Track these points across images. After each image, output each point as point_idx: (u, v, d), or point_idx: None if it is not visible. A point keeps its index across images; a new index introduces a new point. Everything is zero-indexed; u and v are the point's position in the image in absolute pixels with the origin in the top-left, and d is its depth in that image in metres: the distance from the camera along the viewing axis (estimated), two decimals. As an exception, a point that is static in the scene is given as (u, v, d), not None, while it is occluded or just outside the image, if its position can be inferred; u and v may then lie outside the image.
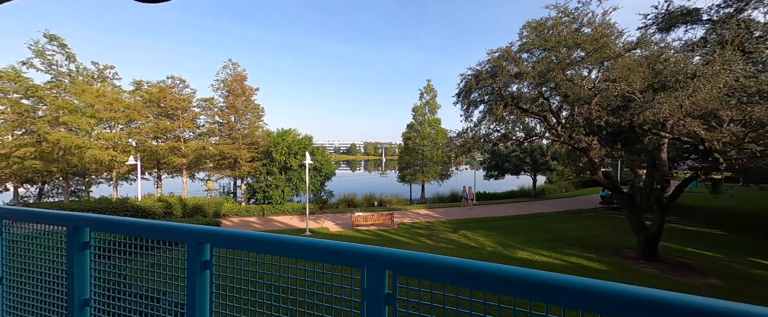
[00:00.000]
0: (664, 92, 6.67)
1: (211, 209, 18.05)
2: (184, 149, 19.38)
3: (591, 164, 10.88)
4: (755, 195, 19.03)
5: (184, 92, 20.64)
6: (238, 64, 21.35)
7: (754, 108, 6.18)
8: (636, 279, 8.37)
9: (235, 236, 1.36)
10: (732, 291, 7.78)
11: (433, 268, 0.96)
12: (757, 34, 7.93)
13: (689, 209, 17.96)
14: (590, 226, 14.92)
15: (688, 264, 9.62)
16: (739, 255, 10.33)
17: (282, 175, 19.92)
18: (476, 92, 10.87)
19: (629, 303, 0.73)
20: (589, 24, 8.51)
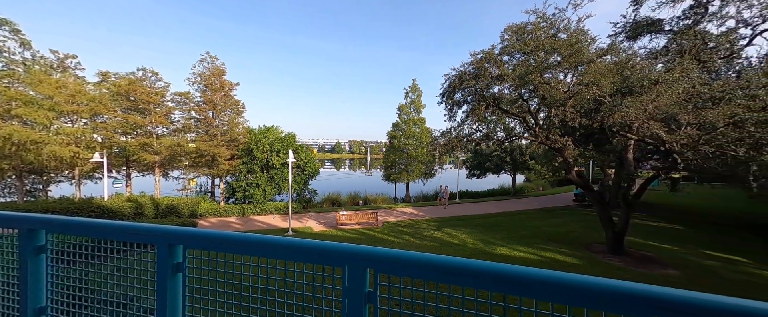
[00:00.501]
0: (630, 97, 7.14)
1: (187, 209, 17.20)
2: (157, 145, 18.30)
3: (566, 163, 11.46)
4: (708, 193, 20.90)
5: (157, 86, 19.46)
6: (216, 58, 20.44)
7: (707, 113, 6.76)
8: (604, 272, 8.94)
9: (211, 236, 1.31)
10: (687, 280, 8.50)
11: (413, 265, 0.98)
12: (711, 45, 8.68)
13: (652, 206, 19.39)
14: (564, 222, 15.72)
15: (650, 257, 10.39)
16: (694, 248, 11.30)
17: (264, 173, 19.34)
18: (459, 92, 11.10)
19: (594, 294, 0.77)
20: (565, 30, 8.93)
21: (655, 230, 13.73)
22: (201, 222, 16.03)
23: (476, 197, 27.76)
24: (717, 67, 9.02)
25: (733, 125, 6.61)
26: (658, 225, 14.74)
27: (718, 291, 2.78)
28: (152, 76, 19.19)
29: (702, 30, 8.49)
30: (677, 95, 6.64)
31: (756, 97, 6.34)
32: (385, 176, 28.77)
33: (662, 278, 8.65)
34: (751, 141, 6.48)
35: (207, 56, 20.36)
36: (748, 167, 6.58)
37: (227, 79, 20.73)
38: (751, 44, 8.82)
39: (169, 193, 20.86)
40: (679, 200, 20.43)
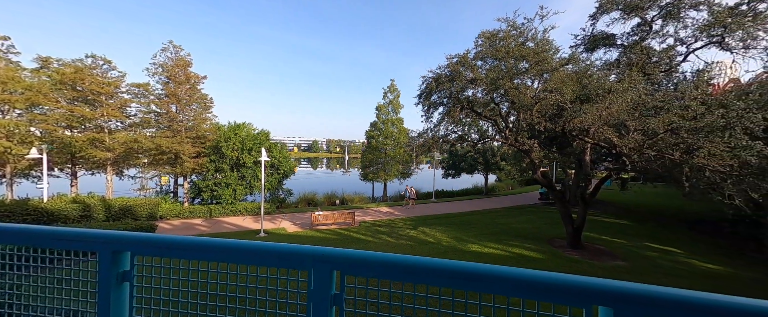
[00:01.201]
0: (588, 104, 7.80)
1: (145, 211, 15.78)
2: (109, 141, 16.57)
3: (532, 164, 12.22)
4: (651, 192, 23.48)
5: (111, 75, 17.61)
6: (180, 48, 18.97)
7: (650, 120, 7.58)
8: (563, 264, 9.69)
9: (164, 242, 1.20)
10: (632, 270, 9.48)
11: (380, 266, 0.98)
12: (654, 59, 9.76)
13: (605, 204, 21.36)
14: (530, 220, 16.78)
15: (603, 250, 11.44)
16: (638, 241, 12.64)
17: (234, 172, 18.33)
18: (436, 94, 11.38)
19: (547, 287, 0.83)
20: (533, 39, 9.53)
21: (607, 226, 15.13)
22: (162, 225, 14.80)
23: (451, 197, 28.65)
24: (659, 79, 10.18)
25: (671, 132, 7.48)
26: (609, 221, 16.28)
27: (655, 279, 3.11)
28: (104, 64, 17.32)
29: (647, 46, 9.53)
30: (626, 103, 7.38)
31: (689, 107, 7.23)
32: (363, 176, 28.70)
33: (612, 268, 9.56)
34: (684, 146, 7.39)
35: (170, 46, 18.83)
36: (682, 169, 7.49)
37: (193, 71, 19.33)
38: (686, 60, 10.07)
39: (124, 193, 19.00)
40: (627, 198, 22.73)
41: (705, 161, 7.01)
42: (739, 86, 10.42)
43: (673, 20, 8.88)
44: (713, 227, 14.65)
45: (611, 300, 0.74)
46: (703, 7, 8.51)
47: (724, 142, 6.66)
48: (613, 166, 12.71)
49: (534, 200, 24.24)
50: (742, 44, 8.49)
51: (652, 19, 9.31)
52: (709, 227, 14.95)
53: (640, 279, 8.60)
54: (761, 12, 8.08)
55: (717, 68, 10.34)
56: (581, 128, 8.59)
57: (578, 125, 8.13)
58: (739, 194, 6.71)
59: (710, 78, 9.84)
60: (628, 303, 0.73)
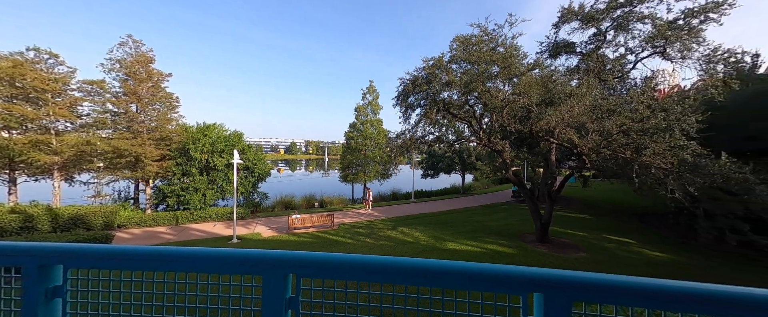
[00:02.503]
0: (552, 107, 8.34)
1: (100, 220, 14.39)
2: (57, 144, 14.93)
3: (504, 163, 12.82)
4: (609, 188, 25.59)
5: (57, 71, 15.89)
6: (141, 42, 17.59)
7: (605, 122, 8.29)
8: (532, 258, 10.25)
9: (101, 252, 1.11)
10: (592, 260, 10.26)
11: (336, 267, 0.99)
12: (608, 67, 10.69)
13: (570, 200, 22.94)
14: (503, 217, 17.57)
15: (567, 243, 12.27)
16: (598, 233, 13.71)
17: (203, 176, 17.29)
18: (413, 96, 11.58)
19: (490, 278, 0.88)
20: (502, 45, 10.03)
21: (572, 220, 16.25)
22: (120, 235, 13.58)
23: (430, 196, 29.21)
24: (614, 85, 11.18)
25: (622, 133, 8.22)
26: (574, 216, 17.50)
27: (610, 267, 3.36)
28: (50, 58, 15.58)
29: (602, 54, 10.42)
30: (585, 107, 8.00)
31: (637, 110, 8.00)
32: (343, 178, 28.38)
33: (575, 260, 10.28)
34: (634, 146, 8.16)
35: (129, 40, 17.39)
36: (632, 167, 8.27)
37: (157, 68, 18.00)
38: (635, 68, 11.14)
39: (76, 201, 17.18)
40: (589, 195, 24.59)
41: (651, 159, 7.79)
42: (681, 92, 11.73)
43: (623, 31, 9.80)
44: (660, 219, 16.29)
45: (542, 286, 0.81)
46: (647, 21, 9.47)
47: (665, 142, 7.45)
48: (575, 164, 13.70)
49: (507, 198, 25.43)
50: (680, 54, 9.55)
51: (605, 30, 10.21)
52: (656, 219, 16.61)
53: (599, 268, 9.34)
54: (695, 26, 9.15)
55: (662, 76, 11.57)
56: (547, 129, 9.18)
57: (544, 126, 8.67)
58: (678, 189, 7.53)
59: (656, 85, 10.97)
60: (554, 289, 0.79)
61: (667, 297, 0.75)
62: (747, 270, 9.85)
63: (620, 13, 9.65)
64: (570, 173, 12.45)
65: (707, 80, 9.45)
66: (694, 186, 7.50)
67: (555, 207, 13.01)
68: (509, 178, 13.39)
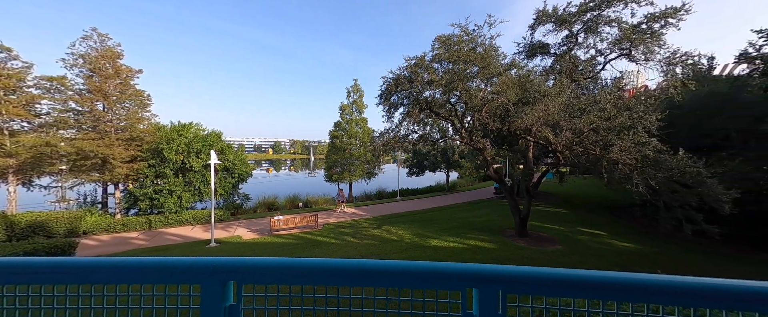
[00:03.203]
0: (528, 106, 8.65)
1: (63, 227, 13.39)
2: (11, 145, 13.72)
3: (485, 161, 13.16)
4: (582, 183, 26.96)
5: (11, 66, 14.59)
6: (107, 36, 16.50)
7: (576, 121, 8.71)
8: (512, 252, 10.63)
9: (14, 266, 0.98)
10: (568, 252, 10.79)
11: (277, 272, 0.96)
12: (580, 67, 11.23)
13: (548, 195, 23.95)
14: (485, 213, 18.07)
15: (545, 237, 12.82)
16: (573, 226, 14.41)
17: (179, 178, 16.50)
18: (395, 95, 11.62)
19: (431, 276, 0.89)
20: (482, 45, 10.27)
21: (549, 215, 16.98)
22: (86, 242, 12.71)
23: (415, 194, 29.51)
24: (586, 85, 11.77)
25: (592, 131, 8.67)
26: (551, 210, 18.30)
27: (584, 258, 3.50)
28: (1, 52, 14.27)
29: (574, 55, 10.93)
30: (559, 105, 8.36)
31: (605, 109, 8.47)
32: (328, 177, 28.08)
33: (552, 253, 10.76)
34: (602, 143, 8.63)
35: (93, 33, 16.25)
36: (601, 163, 8.75)
37: (125, 64, 16.94)
38: (604, 69, 11.78)
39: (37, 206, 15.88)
40: (565, 190, 25.79)
41: (618, 155, 8.28)
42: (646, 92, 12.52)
43: (593, 34, 10.33)
44: (628, 212, 17.38)
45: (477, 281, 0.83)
46: (614, 24, 10.03)
47: (630, 139, 7.93)
48: (551, 161, 14.31)
49: (490, 195, 26.16)
50: (644, 57, 10.20)
51: (577, 33, 10.71)
52: (625, 211, 17.70)
53: (574, 259, 9.84)
54: (656, 30, 9.79)
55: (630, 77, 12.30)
56: (524, 127, 9.52)
57: (521, 125, 8.98)
58: (641, 183, 8.06)
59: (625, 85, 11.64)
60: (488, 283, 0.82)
61: (586, 286, 0.79)
62: (701, 255, 10.74)
63: (590, 16, 10.15)
64: (546, 170, 12.99)
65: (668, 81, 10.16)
66: (655, 180, 8.05)
67: (533, 202, 13.53)
68: (490, 175, 13.78)
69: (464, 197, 25.27)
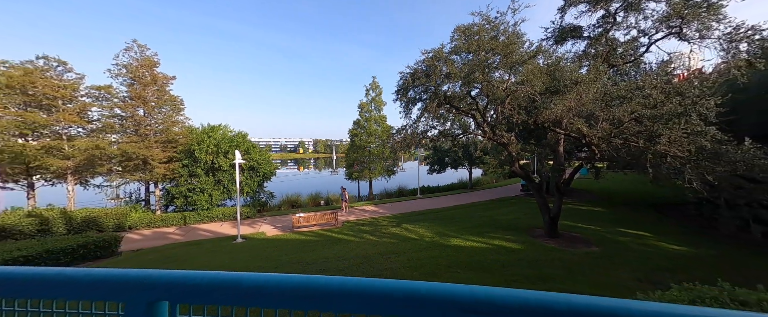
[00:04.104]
0: (557, 96, 7.91)
1: (112, 222, 14.84)
2: (68, 149, 15.40)
3: (510, 157, 12.40)
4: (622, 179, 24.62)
5: (67, 78, 16.35)
6: (146, 47, 17.90)
7: (615, 110, 7.80)
8: (540, 253, 9.89)
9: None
10: (605, 254, 9.82)
11: (216, 290, 0.77)
12: (619, 50, 10.07)
13: (581, 193, 22.18)
14: (511, 211, 17.14)
15: (578, 237, 11.81)
16: (611, 226, 13.15)
17: (209, 177, 17.55)
18: (413, 90, 11.27)
19: (398, 299, 0.68)
20: (504, 33, 9.57)
21: (582, 214, 15.68)
22: (131, 236, 13.95)
23: (436, 192, 28.89)
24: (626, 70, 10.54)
25: (635, 120, 7.73)
26: (585, 209, 16.89)
27: (625, 261, 2.98)
28: (59, 66, 16.03)
29: (612, 37, 9.81)
30: (593, 94, 7.54)
31: (650, 96, 7.49)
32: (348, 175, 28.39)
33: (585, 255, 9.87)
34: (647, 133, 7.65)
35: (134, 45, 17.71)
36: (646, 156, 7.77)
37: (161, 71, 18.28)
38: (649, 51, 10.46)
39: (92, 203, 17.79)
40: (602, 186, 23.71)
41: (666, 147, 7.29)
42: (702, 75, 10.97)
43: (634, 11, 9.18)
44: (679, 210, 15.49)
45: None
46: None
47: (681, 128, 6.94)
48: (585, 156, 13.13)
49: (516, 192, 24.85)
50: (699, 34, 8.87)
51: (615, 11, 9.59)
52: (675, 210, 15.81)
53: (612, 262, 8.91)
54: (714, 3, 8.46)
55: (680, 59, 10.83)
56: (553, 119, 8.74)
57: (549, 116, 8.25)
58: (696, 178, 7.03)
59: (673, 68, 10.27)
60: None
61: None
62: (775, 263, 9.20)
63: (631, -8, 9.03)
64: (580, 165, 11.93)
65: (730, 61, 8.76)
66: (713, 174, 6.98)
67: (565, 200, 12.54)
68: (516, 172, 12.96)
69: (488, 195, 24.23)
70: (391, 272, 8.14)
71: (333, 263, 9.14)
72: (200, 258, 10.34)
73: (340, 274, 7.96)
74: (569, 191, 21.76)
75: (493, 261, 8.96)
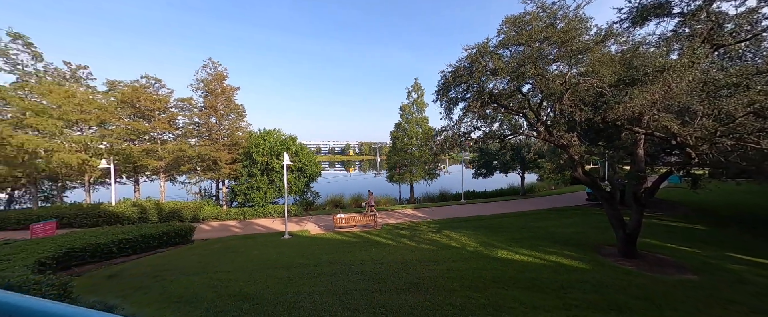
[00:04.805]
0: (634, 87, 6.52)
1: (190, 213, 17.49)
2: (161, 151, 18.74)
3: (571, 161, 10.76)
4: (733, 189, 19.38)
5: (161, 92, 19.98)
6: (218, 63, 20.81)
7: (724, 101, 6.07)
8: (612, 275, 8.26)
9: None
10: (706, 284, 7.71)
11: None
12: (728, 27, 7.88)
13: (673, 205, 18.15)
14: (574, 223, 14.90)
15: (666, 260, 9.57)
16: (717, 250, 10.35)
17: (264, 177, 19.44)
18: (454, 89, 10.65)
19: None
20: (563, 19, 8.34)
21: (674, 231, 12.76)
22: (202, 226, 16.24)
23: (482, 198, 27.00)
24: (740, 51, 8.18)
25: (754, 115, 5.90)
26: (678, 225, 13.71)
27: (738, 297, 2.16)
28: (156, 83, 19.71)
29: (715, 11, 7.71)
30: (688, 82, 5.99)
31: (779, 82, 5.63)
32: (389, 178, 28.47)
33: (677, 283, 7.89)
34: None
35: (209, 62, 20.77)
36: (773, 161, 5.85)
37: (228, 84, 21.03)
38: (775, 25, 7.94)
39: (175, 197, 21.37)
40: (702, 198, 19.02)
41: (808, 149, 5.36)
42: None
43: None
44: (830, 235, 11.46)
45: None
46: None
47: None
48: (677, 160, 10.65)
49: (580, 201, 21.66)
50: None
51: (722, -23, 7.52)
52: (823, 234, 11.75)
53: (717, 297, 6.92)
54: None
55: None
56: (629, 116, 7.24)
57: (622, 113, 6.86)
58: None
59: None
60: None
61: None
62: None
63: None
64: (668, 171, 9.70)
65: None
66: None
67: (648, 214, 10.32)
68: (578, 177, 11.19)
69: (544, 203, 21.61)
70: (429, 281, 7.72)
71: (369, 266, 9.10)
72: (254, 250, 11.40)
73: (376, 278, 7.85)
74: (653, 203, 18.00)
75: (548, 280, 7.80)
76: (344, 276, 8.09)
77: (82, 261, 9.12)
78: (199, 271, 8.81)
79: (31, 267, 6.44)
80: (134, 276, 8.46)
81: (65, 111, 16.43)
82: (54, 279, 4.93)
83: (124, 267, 9.37)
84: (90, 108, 17.56)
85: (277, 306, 6.14)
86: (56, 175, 17.71)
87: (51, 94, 16.13)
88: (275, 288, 7.23)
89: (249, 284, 7.57)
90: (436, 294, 6.83)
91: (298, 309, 6.01)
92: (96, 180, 19.18)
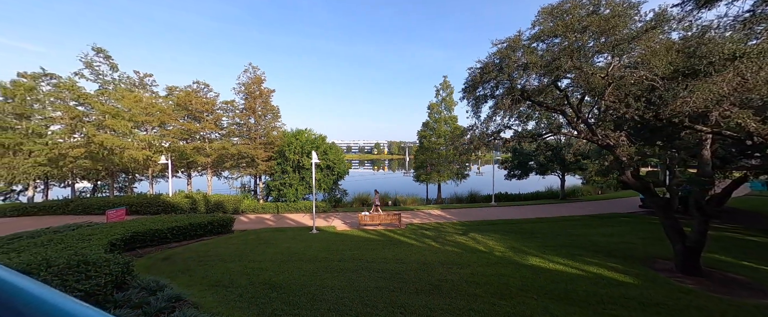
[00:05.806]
0: (695, 79, 5.65)
1: (231, 206, 19.21)
2: (208, 149, 20.84)
3: (619, 162, 9.66)
4: None
5: (209, 96, 22.18)
6: (257, 68, 22.46)
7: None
8: (668, 294, 7.26)
9: None
10: (794, 316, 6.40)
11: None
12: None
13: (751, 215, 15.35)
14: (622, 232, 13.37)
15: (740, 280, 8.14)
16: (812, 273, 8.53)
17: (296, 174, 20.57)
18: (481, 86, 10.18)
19: None
20: (609, 5, 7.50)
21: (749, 246, 10.81)
22: (241, 218, 17.73)
23: (515, 201, 25.45)
24: None
25: None
26: (754, 240, 11.57)
27: None
28: (204, 87, 21.93)
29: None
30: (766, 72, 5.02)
31: None
32: (416, 177, 28.22)
33: (755, 309, 6.67)
34: None
35: (249, 66, 22.51)
36: None
37: (266, 86, 22.60)
38: None
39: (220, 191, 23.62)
40: (796, 209, 15.80)
41: None
42: None
43: None
44: None
45: None
46: None
47: None
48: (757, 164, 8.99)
49: (632, 208, 19.36)
50: None
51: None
52: None
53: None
54: None
55: None
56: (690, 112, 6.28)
57: (681, 109, 5.98)
58: None
59: None
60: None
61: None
62: None
63: None
64: (744, 176, 8.24)
65: None
66: None
67: (715, 225, 8.87)
68: (626, 181, 10.00)
69: (587, 209, 19.71)
70: (450, 284, 7.53)
71: (391, 264, 9.16)
72: (284, 243, 12.15)
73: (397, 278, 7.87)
74: (727, 213, 15.38)
75: (586, 292, 7.14)
76: (366, 272, 8.26)
77: (143, 244, 10.56)
78: (236, 259, 9.66)
79: (105, 247, 7.65)
80: (183, 260, 9.58)
81: (134, 114, 19.13)
82: (120, 258, 5.80)
83: (175, 251, 10.65)
84: (153, 111, 20.21)
85: (301, 297, 6.50)
86: (127, 169, 20.72)
87: (123, 99, 18.91)
88: (301, 280, 7.65)
89: (278, 274, 8.11)
90: (457, 298, 6.65)
91: (321, 301, 6.29)
92: (157, 174, 22.07)
